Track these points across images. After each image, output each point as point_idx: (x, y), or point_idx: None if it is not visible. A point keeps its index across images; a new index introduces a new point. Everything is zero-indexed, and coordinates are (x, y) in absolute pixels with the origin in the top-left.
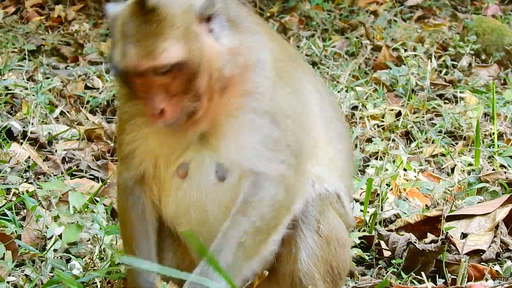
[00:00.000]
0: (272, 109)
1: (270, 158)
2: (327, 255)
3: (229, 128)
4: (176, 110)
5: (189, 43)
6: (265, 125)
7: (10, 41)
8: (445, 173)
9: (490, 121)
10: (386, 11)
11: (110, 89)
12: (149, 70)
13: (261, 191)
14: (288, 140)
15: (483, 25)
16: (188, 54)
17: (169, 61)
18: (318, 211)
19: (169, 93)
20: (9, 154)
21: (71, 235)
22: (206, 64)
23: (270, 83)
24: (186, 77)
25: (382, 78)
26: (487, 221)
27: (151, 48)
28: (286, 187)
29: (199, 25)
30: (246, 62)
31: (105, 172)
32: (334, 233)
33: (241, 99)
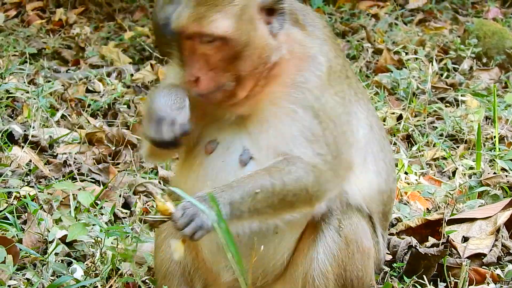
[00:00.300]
0: (317, 106)
1: (307, 147)
2: (344, 256)
3: (270, 115)
4: (211, 83)
5: (241, 24)
6: (307, 119)
7: (11, 44)
8: (446, 177)
9: (491, 125)
10: (387, 14)
11: (111, 92)
12: (194, 35)
13: (291, 166)
14: (327, 139)
15: (484, 28)
16: (236, 33)
17: (215, 32)
18: (341, 211)
19: (209, 65)
20: (10, 158)
21: (75, 235)
22: (252, 50)
23: (320, 83)
24: (229, 54)
25: (383, 81)
26: (488, 225)
27: (203, 15)
28: (316, 177)
29: (258, 13)
30: (300, 59)
31: (106, 176)
32: (356, 236)
33: (287, 90)
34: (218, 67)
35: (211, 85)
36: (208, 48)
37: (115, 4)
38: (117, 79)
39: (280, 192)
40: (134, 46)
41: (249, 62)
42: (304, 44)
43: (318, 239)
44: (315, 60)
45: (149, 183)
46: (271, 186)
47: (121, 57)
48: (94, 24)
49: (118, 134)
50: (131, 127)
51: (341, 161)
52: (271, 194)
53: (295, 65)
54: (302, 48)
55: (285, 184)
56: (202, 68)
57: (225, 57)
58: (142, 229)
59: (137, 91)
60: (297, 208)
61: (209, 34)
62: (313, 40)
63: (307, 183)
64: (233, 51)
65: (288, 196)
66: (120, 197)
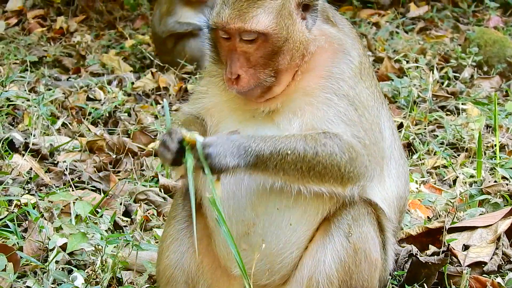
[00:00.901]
0: (352, 94)
1: (345, 128)
2: (351, 264)
3: (305, 105)
4: (252, 81)
5: (281, 19)
6: (342, 105)
7: (12, 52)
8: (447, 185)
9: (492, 133)
10: (388, 22)
11: (112, 100)
12: (236, 31)
13: (328, 140)
14: (364, 125)
15: (485, 36)
16: (277, 28)
17: (257, 27)
18: (352, 217)
19: (249, 62)
20: (11, 166)
21: (75, 243)
22: (291, 45)
23: (353, 74)
24: (269, 50)
25: (384, 90)
26: (489, 233)
27: (244, 11)
28: (351, 158)
29: (296, 9)
30: (334, 51)
31: (107, 184)
32: (364, 246)
33: (322, 81)
34: (258, 63)
35: (252, 82)
36: (249, 46)
37: (116, 12)
38: (118, 87)
39: (311, 160)
40: (135, 54)
41: (288, 56)
42: (337, 38)
43: (327, 241)
44: (348, 54)
45: (150, 191)
46: (303, 151)
47: (122, 65)
48: (95, 32)
49: (119, 142)
50: (131, 135)
51: (379, 149)
52: (301, 160)
53: (329, 58)
54: (336, 42)
55: (317, 154)
56: (243, 66)
57: (266, 54)
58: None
59: (138, 99)
60: (326, 183)
61: (251, 30)
62: (345, 36)
63: (340, 161)
64: (274, 47)
65: (318, 167)
66: (120, 205)
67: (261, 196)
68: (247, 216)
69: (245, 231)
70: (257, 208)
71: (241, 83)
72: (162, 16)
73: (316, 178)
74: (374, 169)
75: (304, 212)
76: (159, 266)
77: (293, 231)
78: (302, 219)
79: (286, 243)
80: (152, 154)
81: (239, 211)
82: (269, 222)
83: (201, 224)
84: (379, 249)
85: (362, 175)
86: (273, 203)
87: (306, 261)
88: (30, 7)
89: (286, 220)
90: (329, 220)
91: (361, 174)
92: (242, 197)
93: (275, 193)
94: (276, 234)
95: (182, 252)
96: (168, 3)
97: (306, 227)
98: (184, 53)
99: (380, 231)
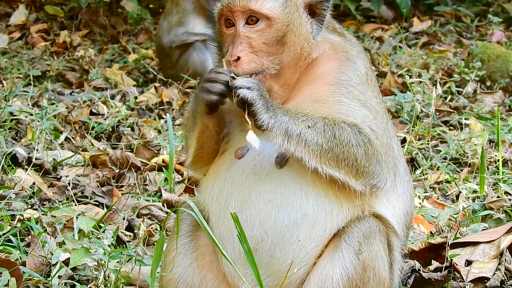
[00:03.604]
0: (363, 99)
1: (359, 121)
2: (359, 281)
3: (315, 111)
4: (252, 64)
5: (287, 8)
6: (355, 105)
7: (15, 66)
8: (450, 200)
9: (495, 148)
10: (391, 37)
11: (115, 115)
12: (241, 11)
13: (346, 125)
14: (379, 124)
15: (488, 51)
16: (281, 15)
17: (261, 9)
18: (363, 234)
19: (251, 47)
20: (14, 180)
21: (78, 258)
22: (294, 38)
23: (362, 81)
24: (272, 36)
25: (387, 104)
26: (492, 248)
27: None
28: (366, 152)
29: (303, 8)
30: (341, 60)
31: (110, 199)
32: (373, 264)
33: (331, 87)
34: (261, 50)
35: (251, 65)
36: (252, 30)
37: (119, 26)
38: (121, 101)
39: (330, 140)
40: (138, 68)
41: (291, 50)
42: (344, 48)
43: (336, 258)
44: (355, 63)
45: (153, 206)
46: (322, 129)
47: (125, 79)
48: (98, 47)
49: (122, 156)
50: (134, 149)
51: (392, 153)
52: (321, 136)
53: (336, 66)
54: (342, 51)
55: (334, 136)
56: (244, 49)
57: (268, 40)
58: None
59: (141, 113)
60: (342, 170)
61: (255, 10)
62: (351, 46)
63: (356, 152)
64: (277, 34)
65: (336, 149)
66: (123, 220)
67: (269, 212)
68: (255, 232)
69: (253, 247)
70: (265, 224)
71: (240, 64)
72: (172, 26)
73: (334, 160)
74: (388, 173)
75: (312, 228)
76: (162, 281)
77: (301, 247)
78: (310, 235)
79: (294, 259)
80: (155, 168)
81: (247, 227)
82: (277, 238)
83: (205, 239)
84: (387, 267)
85: (376, 174)
86: (282, 219)
87: (314, 277)
88: (33, 21)
89: (294, 236)
90: (339, 236)
91: (375, 172)
92: (251, 214)
93: (283, 210)
94: (284, 250)
95: (186, 267)
96: (180, 13)
97: (315, 243)
98: (187, 67)
99: (389, 250)
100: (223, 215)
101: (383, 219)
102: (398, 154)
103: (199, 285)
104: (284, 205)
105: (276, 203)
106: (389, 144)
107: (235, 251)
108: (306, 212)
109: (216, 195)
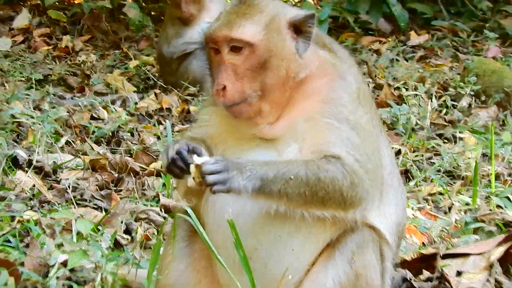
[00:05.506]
0: (352, 119)
1: (347, 152)
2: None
3: (306, 130)
4: (237, 94)
5: (269, 32)
6: (344, 129)
7: (17, 70)
8: (443, 212)
9: (488, 162)
10: (388, 50)
11: (115, 120)
12: (224, 40)
13: (330, 165)
14: (366, 149)
15: (483, 66)
16: (263, 40)
17: (243, 36)
18: (356, 244)
19: (236, 75)
20: (14, 182)
21: (76, 260)
22: (279, 62)
23: (352, 99)
24: (255, 62)
25: (383, 116)
26: (482, 260)
27: (233, 22)
28: (352, 183)
29: (286, 28)
30: (331, 77)
31: (108, 202)
32: (366, 272)
33: (322, 105)
34: (246, 77)
35: (238, 95)
36: (236, 57)
37: (121, 33)
38: (122, 107)
39: (313, 186)
40: (139, 74)
41: (276, 74)
42: (334, 65)
43: (329, 267)
44: (345, 80)
45: (151, 210)
46: (305, 177)
47: (125, 85)
48: (100, 52)
49: (121, 161)
50: (134, 155)
51: (379, 174)
52: (303, 185)
53: (327, 84)
54: (332, 68)
55: (319, 180)
56: (230, 77)
57: (253, 67)
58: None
59: (141, 119)
60: (329, 208)
61: (237, 38)
62: (342, 62)
63: (342, 186)
64: (260, 60)
65: (320, 193)
66: (121, 224)
67: (263, 223)
68: (249, 242)
69: (248, 256)
70: (259, 235)
71: (227, 95)
72: (170, 38)
73: (319, 203)
74: (374, 193)
75: (306, 239)
76: (158, 284)
77: (295, 257)
78: (304, 245)
79: (289, 268)
80: (153, 174)
81: (241, 237)
82: (271, 248)
83: (200, 245)
84: (379, 276)
85: (363, 200)
86: (275, 230)
87: (308, 284)
88: (36, 25)
89: (288, 247)
90: (333, 246)
91: (363, 198)
92: (245, 225)
93: (277, 220)
94: (278, 259)
95: (181, 271)
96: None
97: (309, 253)
98: (187, 75)
99: (381, 259)
100: (219, 223)
101: (375, 229)
102: (391, 168)
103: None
104: (278, 217)
105: (270, 215)
106: (377, 164)
107: (230, 259)
108: (300, 223)
109: (212, 203)
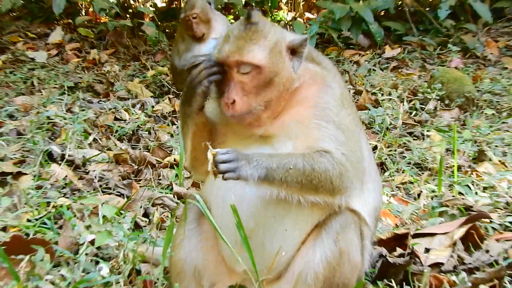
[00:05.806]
0: (337, 120)
1: (335, 147)
2: (336, 264)
3: (298, 130)
4: (245, 107)
5: (273, 56)
6: (331, 128)
7: (52, 78)
8: (413, 198)
9: (451, 156)
10: (366, 61)
11: (135, 120)
12: (235, 64)
13: (322, 158)
14: (351, 146)
15: (447, 75)
16: (269, 63)
17: (252, 61)
18: (340, 225)
19: (244, 91)
20: (49, 173)
21: (102, 239)
22: (280, 79)
23: (337, 104)
24: (261, 81)
25: (362, 117)
26: (447, 239)
27: (242, 47)
28: (340, 174)
29: (285, 51)
30: (319, 85)
31: (129, 190)
32: (349, 249)
33: (310, 110)
34: (252, 93)
35: (245, 107)
36: (244, 77)
37: (140, 47)
38: (140, 109)
39: (309, 175)
40: (155, 82)
41: (277, 89)
42: (321, 75)
43: (317, 245)
44: (331, 87)
45: (165, 197)
46: (302, 167)
47: (144, 91)
48: (122, 63)
49: (140, 155)
50: (151, 150)
51: (361, 166)
52: (301, 174)
53: (315, 91)
54: (320, 78)
55: (314, 170)
56: (238, 93)
57: (258, 84)
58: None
59: (157, 120)
60: (320, 194)
61: (247, 62)
62: (327, 72)
63: (332, 176)
64: (265, 79)
65: (314, 181)
66: (140, 208)
67: (261, 208)
68: (249, 224)
69: (248, 235)
70: (257, 218)
71: (235, 108)
72: (181, 53)
73: (313, 190)
74: (357, 182)
75: (297, 221)
76: (171, 260)
77: (288, 237)
78: (295, 226)
79: (282, 245)
80: (168, 166)
81: (242, 220)
82: (267, 228)
83: (207, 226)
84: (360, 253)
85: (348, 187)
86: (271, 213)
87: (298, 260)
88: (68, 41)
89: (282, 228)
90: (320, 227)
91: (348, 187)
92: (245, 209)
93: (272, 205)
94: (273, 239)
95: (191, 249)
96: (186, 41)
97: (299, 233)
98: None
99: (361, 238)
100: (223, 208)
101: (356, 212)
102: (369, 160)
103: (202, 265)
104: (273, 203)
105: (266, 200)
106: (359, 159)
107: (232, 238)
108: (291, 208)
109: (216, 190)
